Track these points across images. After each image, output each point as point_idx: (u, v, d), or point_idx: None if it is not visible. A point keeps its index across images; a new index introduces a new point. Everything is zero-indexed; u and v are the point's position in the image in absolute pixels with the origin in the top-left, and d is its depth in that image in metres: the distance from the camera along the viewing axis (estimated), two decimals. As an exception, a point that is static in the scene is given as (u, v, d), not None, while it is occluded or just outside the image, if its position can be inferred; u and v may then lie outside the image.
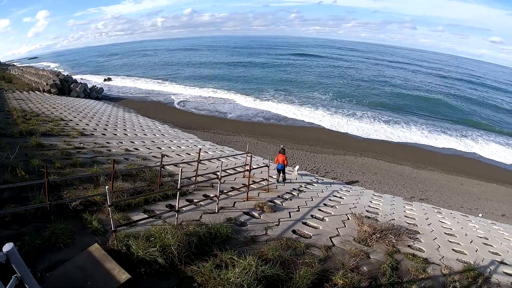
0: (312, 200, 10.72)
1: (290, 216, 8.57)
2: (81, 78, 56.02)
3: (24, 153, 10.41)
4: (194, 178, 10.41)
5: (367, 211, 10.60)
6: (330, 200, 11.16)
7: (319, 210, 9.67)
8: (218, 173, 8.09)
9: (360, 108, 37.36)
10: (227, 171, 12.51)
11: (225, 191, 9.51)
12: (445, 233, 9.65)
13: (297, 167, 15.37)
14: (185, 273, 5.10)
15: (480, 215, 14.47)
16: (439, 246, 8.15)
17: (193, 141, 20.30)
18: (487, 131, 32.41)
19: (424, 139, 27.73)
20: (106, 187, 5.46)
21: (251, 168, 10.38)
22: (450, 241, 8.88)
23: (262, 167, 13.05)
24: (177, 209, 6.57)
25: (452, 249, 8.19)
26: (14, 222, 5.95)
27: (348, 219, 9.09)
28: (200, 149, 12.88)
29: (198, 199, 8.70)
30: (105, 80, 60.67)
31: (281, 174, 12.85)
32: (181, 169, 6.95)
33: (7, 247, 2.92)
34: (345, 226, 8.47)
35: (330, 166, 19.12)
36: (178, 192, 6.52)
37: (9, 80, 46.68)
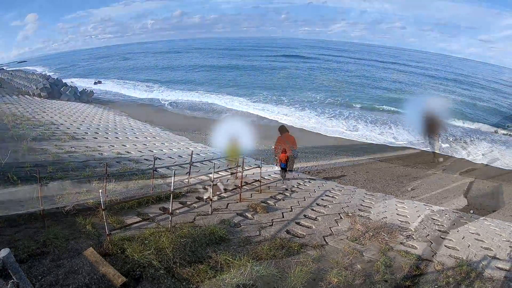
0: (305, 200, 10.79)
1: (283, 217, 8.62)
2: (71, 82, 55.17)
3: (16, 157, 10.31)
4: (186, 180, 10.43)
5: (359, 209, 10.68)
6: (322, 199, 11.23)
7: (312, 209, 9.74)
8: (210, 175, 8.11)
9: (351, 109, 37.46)
10: (219, 172, 12.54)
11: (218, 192, 9.54)
12: (437, 230, 9.78)
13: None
14: (180, 275, 5.12)
15: (471, 211, 14.68)
16: (431, 243, 8.26)
17: (185, 144, 20.25)
18: (474, 129, 32.88)
19: (414, 139, 27.99)
20: (100, 190, 5.46)
21: (244, 169, 10.43)
22: (442, 238, 9.01)
23: (254, 168, 13.09)
24: (170, 211, 6.58)
25: (444, 246, 8.31)
26: (8, 227, 5.91)
27: (341, 218, 9.17)
28: (192, 151, 12.86)
29: (191, 201, 8.72)
30: (95, 83, 59.96)
31: (283, 172, 13.50)
32: (174, 172, 6.97)
33: (3, 252, 2.93)
34: (338, 225, 8.55)
35: (322, 166, 19.24)
36: (171, 195, 6.54)
37: (-2, 84, 45.97)
